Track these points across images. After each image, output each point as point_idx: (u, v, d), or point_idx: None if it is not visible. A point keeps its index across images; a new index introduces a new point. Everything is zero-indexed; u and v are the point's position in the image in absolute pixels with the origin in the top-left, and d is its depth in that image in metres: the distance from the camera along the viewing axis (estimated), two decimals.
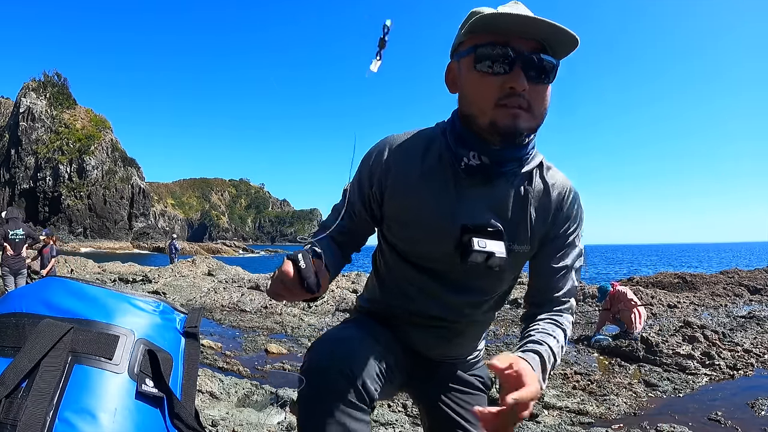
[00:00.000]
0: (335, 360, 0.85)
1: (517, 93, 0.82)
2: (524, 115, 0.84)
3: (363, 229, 1.07)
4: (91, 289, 0.71)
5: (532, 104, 0.84)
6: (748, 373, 4.28)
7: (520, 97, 0.83)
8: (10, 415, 0.55)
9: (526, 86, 0.82)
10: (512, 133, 0.85)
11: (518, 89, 0.82)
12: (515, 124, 0.84)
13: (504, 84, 0.82)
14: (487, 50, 0.83)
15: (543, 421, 3.15)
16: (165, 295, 9.05)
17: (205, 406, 3.05)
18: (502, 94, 0.83)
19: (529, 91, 0.83)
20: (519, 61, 0.82)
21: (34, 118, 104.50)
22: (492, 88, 0.83)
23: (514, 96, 0.83)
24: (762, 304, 8.58)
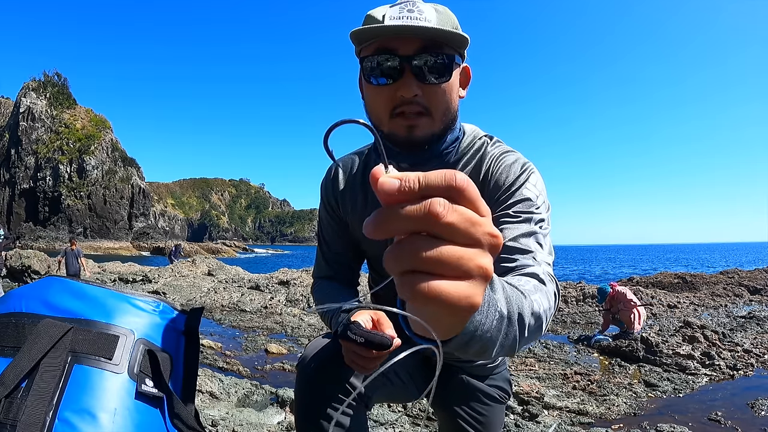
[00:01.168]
0: (323, 357, 0.87)
1: (409, 100, 0.79)
2: (422, 121, 0.81)
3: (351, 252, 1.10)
4: (91, 289, 0.71)
5: (429, 107, 0.80)
6: (748, 373, 4.28)
7: (414, 104, 0.79)
8: (10, 415, 0.55)
9: (417, 92, 0.78)
10: (411, 144, 0.83)
11: (408, 96, 0.78)
12: (412, 135, 0.81)
13: (395, 93, 0.79)
14: (373, 60, 0.79)
15: (543, 421, 3.15)
16: (165, 295, 9.05)
17: (205, 406, 3.05)
18: (396, 103, 0.80)
19: (425, 94, 0.79)
20: (407, 66, 0.78)
21: (34, 118, 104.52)
22: (384, 98, 0.80)
23: (408, 103, 0.79)
24: (762, 304, 8.58)
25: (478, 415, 1.09)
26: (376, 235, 0.33)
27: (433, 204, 0.31)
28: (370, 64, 0.80)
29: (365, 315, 0.80)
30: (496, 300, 0.50)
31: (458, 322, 0.36)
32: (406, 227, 0.31)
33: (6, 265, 9.70)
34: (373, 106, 0.84)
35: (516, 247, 0.74)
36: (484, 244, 0.33)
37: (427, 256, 0.31)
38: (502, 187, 0.85)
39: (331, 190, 1.04)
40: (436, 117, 0.82)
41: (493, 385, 1.12)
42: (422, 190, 0.32)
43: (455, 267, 0.31)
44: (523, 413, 3.29)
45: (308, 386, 0.86)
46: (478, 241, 0.32)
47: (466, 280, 0.32)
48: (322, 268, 1.12)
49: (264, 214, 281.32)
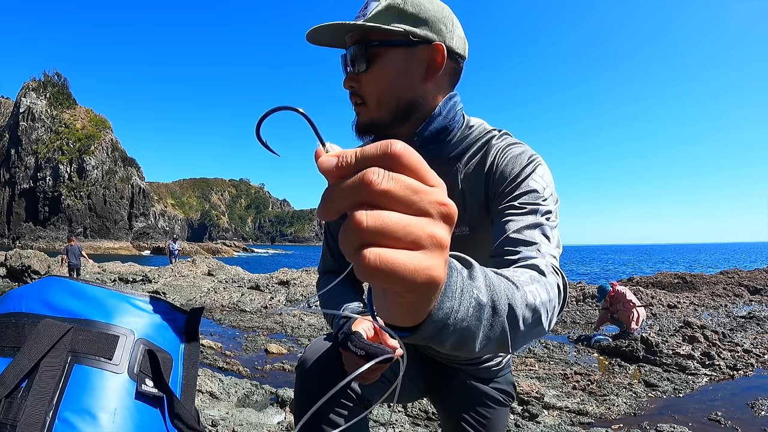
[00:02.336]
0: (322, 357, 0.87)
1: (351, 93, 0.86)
2: (361, 109, 0.87)
3: None
4: (91, 289, 0.71)
5: (364, 96, 0.85)
6: (748, 373, 4.28)
7: (353, 95, 0.86)
8: (10, 415, 0.55)
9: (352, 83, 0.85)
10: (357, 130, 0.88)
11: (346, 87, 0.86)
12: (355, 123, 0.88)
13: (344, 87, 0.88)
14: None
15: (543, 421, 3.14)
16: (165, 295, 9.05)
17: (205, 406, 3.05)
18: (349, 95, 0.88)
19: (360, 85, 0.85)
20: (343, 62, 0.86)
21: (34, 118, 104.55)
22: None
23: (351, 95, 0.87)
24: (762, 304, 8.58)
25: (481, 419, 1.09)
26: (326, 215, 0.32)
27: (367, 173, 0.29)
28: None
29: (367, 323, 0.78)
30: (474, 287, 0.45)
31: (421, 301, 0.33)
32: (349, 202, 0.30)
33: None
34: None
35: (520, 239, 0.71)
36: (432, 213, 0.31)
37: (369, 226, 0.29)
38: (508, 178, 0.82)
39: None
40: (371, 104, 0.85)
41: (498, 389, 1.12)
42: (359, 162, 0.30)
43: (403, 236, 0.29)
44: (523, 413, 3.29)
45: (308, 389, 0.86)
46: (424, 209, 0.30)
47: (419, 251, 0.30)
48: (327, 262, 1.12)
49: (264, 214, 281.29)
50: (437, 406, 1.17)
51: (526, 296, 0.54)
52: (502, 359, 1.12)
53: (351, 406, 0.86)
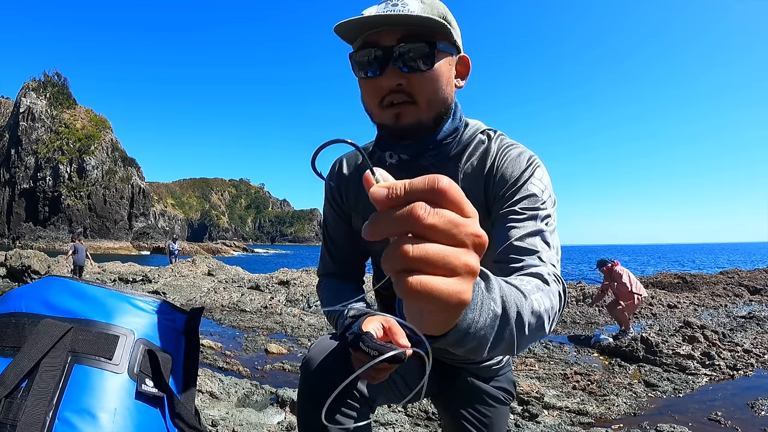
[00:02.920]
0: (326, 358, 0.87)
1: (394, 89, 0.81)
2: (408, 109, 0.82)
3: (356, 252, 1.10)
4: (91, 289, 0.71)
5: (414, 95, 0.81)
6: (748, 373, 4.28)
7: (399, 93, 0.81)
8: (10, 415, 0.55)
9: (401, 81, 0.80)
10: (399, 132, 0.84)
11: (391, 86, 0.80)
12: (399, 124, 0.83)
13: (380, 84, 0.81)
14: (359, 56, 0.82)
15: (543, 421, 3.14)
16: (165, 295, 9.05)
17: (205, 406, 3.05)
18: (383, 94, 0.82)
19: (410, 83, 0.81)
20: (389, 58, 0.79)
21: (34, 118, 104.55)
22: (372, 90, 0.83)
23: (394, 93, 0.81)
24: (762, 304, 8.58)
25: (482, 417, 1.09)
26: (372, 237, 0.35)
27: (415, 208, 0.33)
28: (357, 58, 0.82)
29: (376, 322, 0.77)
30: (491, 299, 0.50)
31: (451, 317, 0.38)
32: (396, 230, 0.34)
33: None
34: (365, 99, 0.86)
35: (523, 247, 0.74)
36: (468, 244, 0.35)
37: (414, 255, 0.33)
38: (508, 181, 0.85)
39: (336, 185, 1.05)
40: (422, 105, 0.83)
41: (498, 387, 1.12)
42: (407, 195, 0.34)
43: (442, 265, 0.33)
44: (523, 413, 3.29)
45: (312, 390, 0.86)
46: (462, 241, 0.34)
47: (454, 277, 0.34)
48: (327, 265, 1.11)
49: (264, 214, 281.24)
50: (438, 406, 1.17)
51: (533, 304, 0.59)
52: (502, 358, 1.12)
53: (357, 407, 0.86)
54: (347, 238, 1.07)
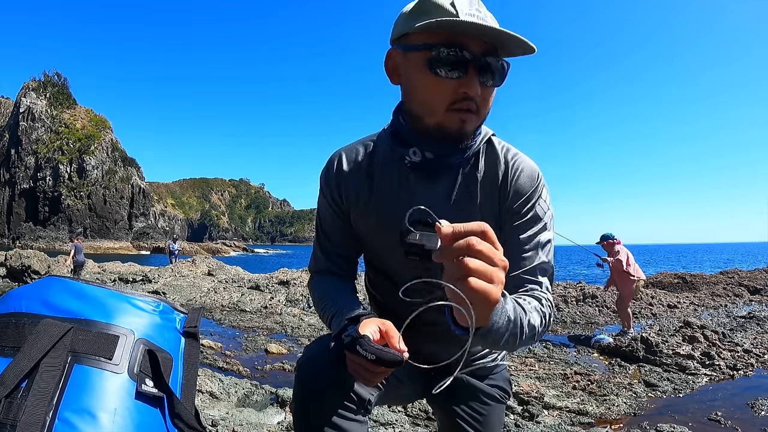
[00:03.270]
0: (323, 359, 0.86)
1: (469, 97, 0.81)
2: (472, 117, 0.84)
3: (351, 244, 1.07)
4: (91, 289, 0.70)
5: (480, 107, 0.84)
6: (748, 373, 4.29)
7: (471, 101, 0.82)
8: (10, 415, 0.55)
9: (479, 91, 0.81)
10: (458, 138, 0.86)
11: (471, 94, 0.81)
12: (463, 129, 0.84)
13: (458, 88, 0.81)
14: (442, 53, 0.79)
15: (543, 421, 3.14)
16: (165, 295, 9.05)
17: (205, 406, 3.05)
18: (455, 98, 0.81)
19: (482, 94, 0.83)
20: (473, 65, 0.80)
21: (34, 118, 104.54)
22: (445, 91, 0.81)
23: (466, 100, 0.81)
24: (762, 304, 8.59)
25: (477, 415, 1.09)
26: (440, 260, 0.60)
27: (471, 239, 0.58)
28: (439, 54, 0.79)
29: (372, 325, 0.78)
30: (507, 308, 0.72)
31: (487, 312, 0.61)
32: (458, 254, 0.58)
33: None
34: (427, 96, 0.83)
35: (530, 279, 0.91)
36: (500, 265, 0.59)
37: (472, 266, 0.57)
38: (520, 199, 0.93)
39: (334, 180, 1.00)
40: (482, 116, 0.86)
41: (493, 385, 1.12)
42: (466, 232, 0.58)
43: (488, 276, 0.57)
44: (523, 413, 3.29)
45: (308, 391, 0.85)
46: (497, 263, 0.58)
47: (493, 284, 0.57)
48: (319, 261, 1.08)
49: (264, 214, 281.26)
50: (434, 406, 1.16)
51: (530, 319, 0.80)
52: (497, 356, 1.12)
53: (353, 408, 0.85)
54: (344, 235, 1.04)
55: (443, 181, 0.93)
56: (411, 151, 0.89)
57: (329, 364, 0.85)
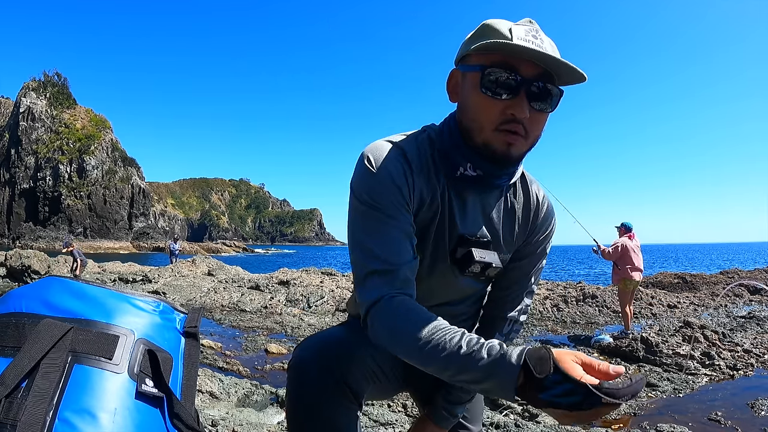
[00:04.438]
0: (319, 356, 0.88)
1: (517, 120, 0.82)
2: (520, 140, 0.84)
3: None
4: (91, 289, 0.71)
5: (529, 131, 0.84)
6: (748, 373, 4.29)
7: (519, 124, 0.83)
8: (10, 414, 0.55)
9: (527, 114, 0.82)
10: (504, 159, 0.86)
11: (519, 116, 0.81)
12: (509, 151, 0.85)
13: (506, 109, 0.82)
14: (494, 73, 0.81)
15: (543, 421, 3.14)
16: (165, 295, 9.05)
17: (205, 406, 3.05)
18: (503, 119, 0.83)
19: (529, 118, 0.83)
20: (524, 89, 0.81)
21: (34, 118, 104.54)
22: (494, 111, 0.83)
23: (514, 122, 0.82)
24: (762, 304, 8.59)
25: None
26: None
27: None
28: (492, 75, 0.81)
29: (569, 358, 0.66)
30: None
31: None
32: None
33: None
34: (477, 114, 0.85)
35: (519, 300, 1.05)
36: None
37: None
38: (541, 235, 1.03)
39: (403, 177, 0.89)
40: (530, 140, 0.86)
41: None
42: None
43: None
44: (523, 413, 3.29)
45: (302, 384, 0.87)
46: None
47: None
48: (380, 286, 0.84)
49: (264, 214, 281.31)
50: (415, 397, 1.18)
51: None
52: None
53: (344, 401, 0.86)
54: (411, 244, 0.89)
55: (488, 201, 0.97)
56: (468, 164, 0.89)
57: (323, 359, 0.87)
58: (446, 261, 0.95)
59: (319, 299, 8.61)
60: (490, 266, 0.94)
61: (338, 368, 0.86)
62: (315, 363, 0.87)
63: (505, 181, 0.93)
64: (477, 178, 0.90)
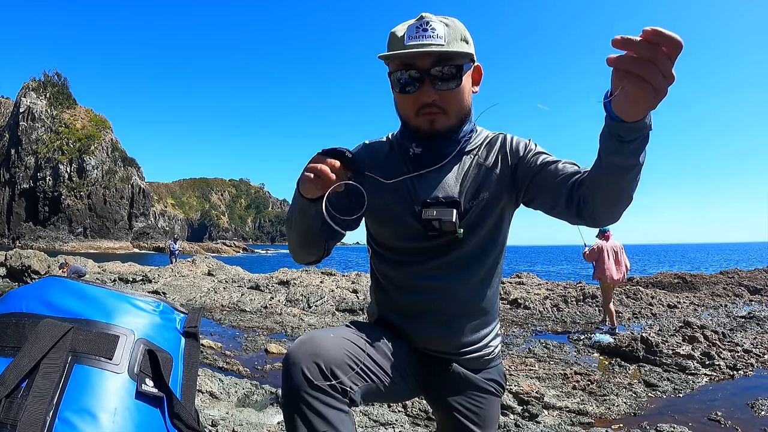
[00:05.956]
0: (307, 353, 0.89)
1: (428, 103, 0.99)
2: (441, 117, 1.01)
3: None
4: (91, 289, 0.71)
5: (446, 108, 1.00)
6: (748, 373, 4.29)
7: (433, 106, 0.99)
8: (10, 414, 0.55)
9: (435, 97, 0.98)
10: (433, 135, 1.03)
11: (427, 101, 0.98)
12: (433, 128, 1.02)
13: (416, 99, 0.99)
14: (397, 76, 1.00)
15: (543, 421, 3.14)
16: (165, 295, 9.05)
17: (205, 406, 3.05)
18: (418, 106, 1.00)
19: (442, 98, 0.99)
20: (425, 78, 0.97)
21: (34, 118, 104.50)
22: (409, 104, 1.01)
23: (427, 106, 0.99)
24: (762, 304, 8.59)
25: (473, 407, 1.10)
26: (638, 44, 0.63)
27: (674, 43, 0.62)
28: (396, 77, 1.00)
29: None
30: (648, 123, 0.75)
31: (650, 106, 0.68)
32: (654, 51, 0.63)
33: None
34: (401, 109, 1.06)
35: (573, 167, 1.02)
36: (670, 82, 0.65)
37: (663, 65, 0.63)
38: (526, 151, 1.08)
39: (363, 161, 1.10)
40: (451, 114, 1.02)
41: (489, 379, 1.14)
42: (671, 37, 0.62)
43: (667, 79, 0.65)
44: (523, 413, 3.29)
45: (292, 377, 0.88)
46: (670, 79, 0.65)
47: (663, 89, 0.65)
48: None
49: (264, 214, 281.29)
50: (431, 402, 1.18)
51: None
52: (492, 350, 1.15)
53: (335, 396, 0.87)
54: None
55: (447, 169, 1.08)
56: (413, 144, 1.07)
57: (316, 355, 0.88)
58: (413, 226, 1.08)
59: (319, 299, 8.61)
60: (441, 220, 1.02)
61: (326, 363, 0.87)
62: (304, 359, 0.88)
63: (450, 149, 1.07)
64: (424, 154, 1.07)
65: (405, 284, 1.09)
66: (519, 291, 9.39)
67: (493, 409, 1.15)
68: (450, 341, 1.09)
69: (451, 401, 1.10)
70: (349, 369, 0.90)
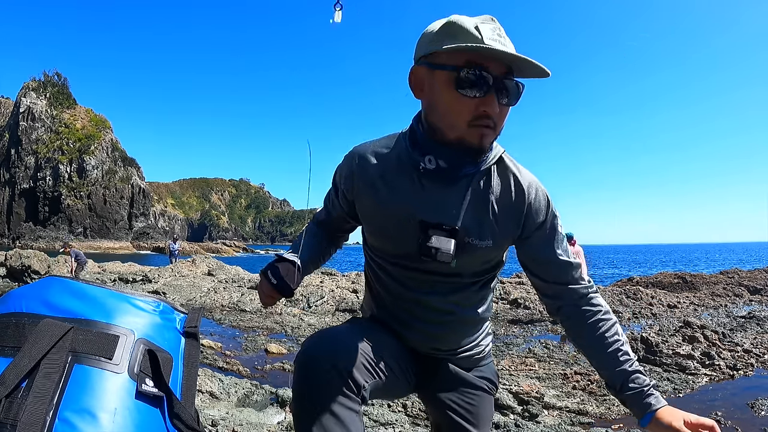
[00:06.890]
0: (322, 351, 0.89)
1: (488, 115, 0.89)
2: (491, 134, 0.92)
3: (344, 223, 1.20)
4: (91, 289, 0.71)
5: (497, 124, 0.92)
6: (748, 373, 4.29)
7: (489, 119, 0.90)
8: (10, 414, 0.55)
9: (498, 110, 0.89)
10: (478, 150, 0.93)
11: (491, 113, 0.89)
12: (482, 143, 0.92)
13: (479, 107, 0.88)
14: (467, 74, 0.86)
15: (543, 421, 3.14)
16: (165, 295, 9.05)
17: (205, 406, 3.05)
18: (475, 116, 0.89)
19: (501, 113, 0.91)
20: (494, 86, 0.88)
21: (34, 118, 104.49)
22: (467, 109, 0.88)
23: (485, 117, 0.89)
24: (762, 304, 8.59)
25: (466, 404, 1.11)
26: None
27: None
28: (465, 76, 0.87)
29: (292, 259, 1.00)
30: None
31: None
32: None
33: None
34: (450, 112, 0.90)
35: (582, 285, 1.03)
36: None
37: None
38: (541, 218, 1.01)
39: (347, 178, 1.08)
40: (498, 131, 0.94)
41: (481, 377, 1.15)
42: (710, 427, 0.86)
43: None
44: (523, 413, 3.29)
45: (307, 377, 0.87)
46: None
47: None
48: (320, 216, 1.23)
49: (264, 214, 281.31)
50: (425, 400, 1.19)
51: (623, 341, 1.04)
52: (483, 348, 1.15)
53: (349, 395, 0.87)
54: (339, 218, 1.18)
55: (455, 190, 0.98)
56: (426, 158, 0.95)
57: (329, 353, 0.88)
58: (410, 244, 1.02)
59: (319, 299, 8.61)
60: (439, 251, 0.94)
61: (341, 362, 0.87)
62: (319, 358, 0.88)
63: (470, 170, 0.97)
64: (438, 170, 0.96)
65: (397, 294, 1.07)
66: (519, 291, 9.40)
67: (487, 407, 1.15)
68: (441, 346, 1.10)
69: (443, 398, 1.11)
70: (363, 368, 0.90)
